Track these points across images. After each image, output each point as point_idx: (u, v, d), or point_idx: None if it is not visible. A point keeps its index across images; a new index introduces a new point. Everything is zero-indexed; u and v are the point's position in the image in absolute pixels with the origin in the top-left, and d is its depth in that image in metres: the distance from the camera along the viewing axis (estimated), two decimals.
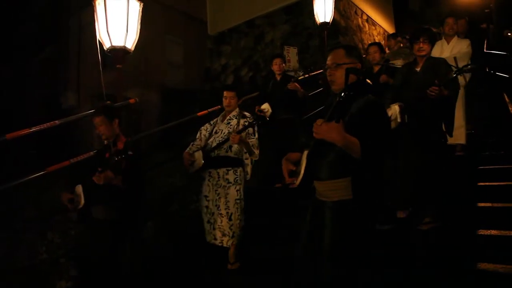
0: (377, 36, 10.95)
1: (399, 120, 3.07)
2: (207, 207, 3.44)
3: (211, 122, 3.69)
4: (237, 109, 3.61)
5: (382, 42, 10.31)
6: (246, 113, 3.62)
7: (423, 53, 3.20)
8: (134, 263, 2.71)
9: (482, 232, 2.94)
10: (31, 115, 9.62)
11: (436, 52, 4.31)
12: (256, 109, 4.64)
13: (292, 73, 6.33)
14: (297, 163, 1.87)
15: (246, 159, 3.48)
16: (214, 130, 3.58)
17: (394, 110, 3.09)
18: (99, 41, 3.65)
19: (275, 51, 9.27)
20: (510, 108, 5.43)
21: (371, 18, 10.80)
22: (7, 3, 11.98)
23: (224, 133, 3.46)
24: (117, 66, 3.75)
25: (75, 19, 9.70)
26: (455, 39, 4.41)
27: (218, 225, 3.34)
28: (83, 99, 9.75)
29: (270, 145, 4.62)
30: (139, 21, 3.73)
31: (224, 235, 3.32)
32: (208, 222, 3.41)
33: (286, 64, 6.39)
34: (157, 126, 6.42)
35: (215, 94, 9.54)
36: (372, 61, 4.41)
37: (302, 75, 4.85)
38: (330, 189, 1.79)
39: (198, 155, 3.41)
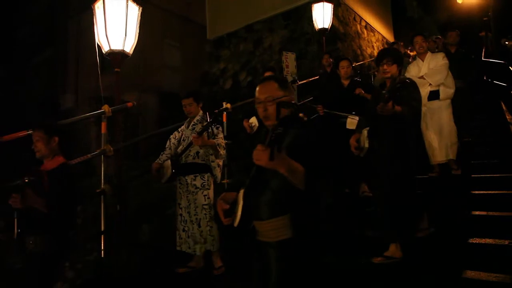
0: (375, 43, 11.02)
1: (366, 145, 2.95)
2: (181, 215, 3.45)
3: (179, 130, 3.68)
4: (200, 113, 3.61)
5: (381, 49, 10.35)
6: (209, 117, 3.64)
7: (388, 75, 3.07)
8: None
9: (477, 240, 2.94)
10: (29, 117, 9.60)
11: (414, 71, 4.38)
12: (244, 123, 4.60)
13: (291, 79, 6.34)
14: (234, 203, 1.74)
15: (213, 161, 3.45)
16: (182, 138, 3.58)
17: (363, 135, 3.00)
18: (97, 44, 3.66)
19: (273, 56, 9.32)
20: (507, 117, 5.46)
21: (370, 25, 10.87)
22: (6, 6, 12.00)
23: (190, 139, 3.43)
24: (116, 69, 3.76)
25: (74, 22, 9.72)
26: (428, 55, 4.38)
27: (191, 233, 3.36)
28: (81, 101, 9.75)
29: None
30: (138, 25, 3.74)
31: (196, 242, 3.33)
32: (184, 230, 3.42)
33: (284, 70, 6.42)
34: (154, 129, 6.44)
35: (213, 98, 9.57)
36: (344, 76, 4.52)
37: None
38: (271, 228, 1.68)
39: (167, 164, 3.44)
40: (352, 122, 4.00)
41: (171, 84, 9.95)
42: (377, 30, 11.33)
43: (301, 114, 1.55)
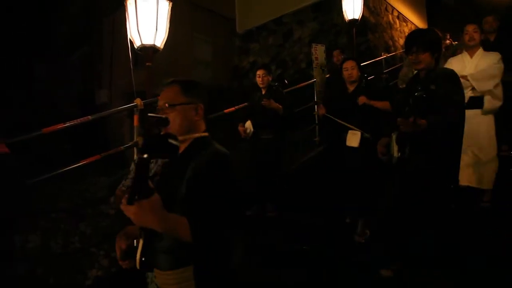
0: (408, 33, 10.71)
1: (395, 154, 2.49)
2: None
3: None
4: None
5: None
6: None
7: (421, 66, 2.49)
8: None
9: None
10: (67, 111, 10.01)
11: (457, 67, 3.47)
12: (239, 127, 4.21)
13: (322, 71, 6.26)
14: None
15: None
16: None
17: (393, 141, 2.56)
18: (130, 39, 3.77)
19: (303, 49, 9.25)
20: None
21: (402, 14, 10.58)
22: (45, 5, 12.51)
23: (158, 164, 3.12)
24: (147, 64, 3.86)
25: (109, 19, 10.00)
26: (479, 52, 3.50)
27: None
28: (115, 96, 10.06)
29: (250, 167, 4.26)
30: (168, 20, 3.82)
31: None
32: None
33: (314, 62, 6.36)
34: None
35: (242, 92, 9.62)
36: (347, 79, 3.61)
37: (275, 86, 4.34)
38: (172, 282, 1.31)
39: None
40: (353, 137, 3.33)
41: (202, 77, 10.07)
42: (409, 20, 11.00)
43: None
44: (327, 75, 6.18)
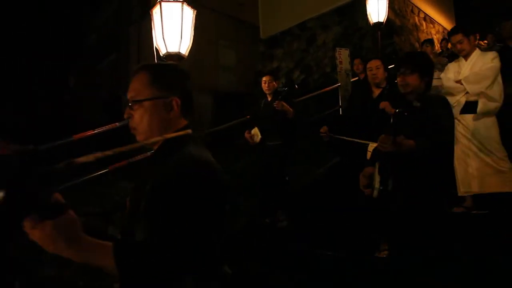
0: (435, 35, 10.48)
1: (376, 186, 2.30)
2: None
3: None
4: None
5: (440, 41, 9.84)
6: None
7: (408, 89, 2.33)
8: None
9: None
10: (96, 118, 10.30)
11: (454, 73, 3.46)
12: (246, 134, 4.12)
13: (346, 75, 6.21)
14: None
15: None
16: None
17: (376, 171, 2.38)
18: (155, 47, 3.86)
19: (327, 53, 9.20)
20: None
21: (429, 16, 10.37)
22: (76, 17, 12.99)
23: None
24: None
25: (135, 28, 10.25)
26: (475, 53, 3.37)
27: None
28: None
29: (259, 175, 4.25)
30: (193, 28, 3.88)
31: None
32: None
33: (338, 66, 6.31)
34: (209, 128, 6.64)
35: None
36: (372, 81, 3.26)
37: (284, 91, 4.28)
38: None
39: None
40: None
41: (226, 84, 10.17)
42: (437, 21, 10.76)
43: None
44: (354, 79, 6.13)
